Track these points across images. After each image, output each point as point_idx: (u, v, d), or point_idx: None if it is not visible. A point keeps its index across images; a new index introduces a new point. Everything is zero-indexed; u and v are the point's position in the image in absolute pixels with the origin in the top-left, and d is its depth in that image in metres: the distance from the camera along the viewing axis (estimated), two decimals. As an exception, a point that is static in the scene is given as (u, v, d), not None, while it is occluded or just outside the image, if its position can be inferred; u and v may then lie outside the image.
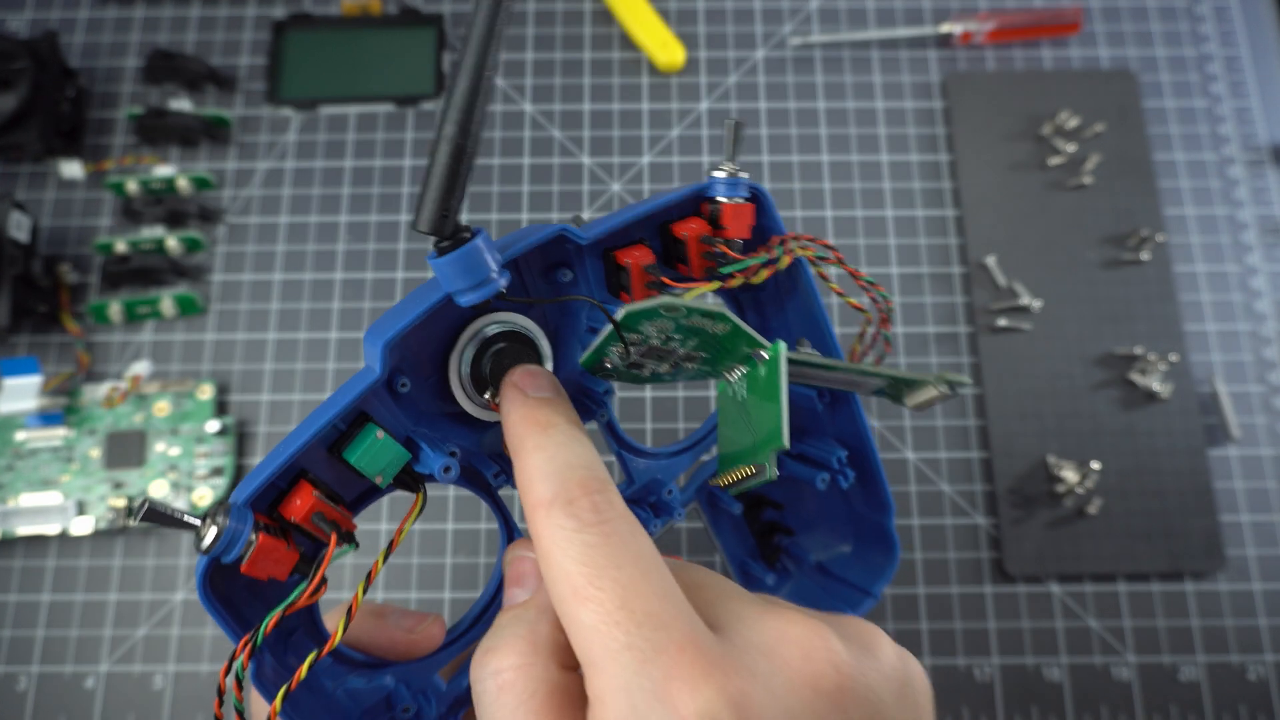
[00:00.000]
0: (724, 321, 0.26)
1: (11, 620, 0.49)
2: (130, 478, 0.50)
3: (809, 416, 0.36)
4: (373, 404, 0.26)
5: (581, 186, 0.57)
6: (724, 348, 0.28)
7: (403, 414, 0.28)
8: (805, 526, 0.39)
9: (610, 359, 0.28)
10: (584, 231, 0.28)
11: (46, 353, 0.54)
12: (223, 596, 0.25)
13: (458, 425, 0.29)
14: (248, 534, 0.23)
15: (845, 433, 0.35)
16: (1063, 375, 0.53)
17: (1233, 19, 0.61)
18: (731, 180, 0.29)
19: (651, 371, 0.29)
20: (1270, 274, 0.55)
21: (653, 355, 0.28)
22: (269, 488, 0.25)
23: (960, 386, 0.30)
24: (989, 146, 0.57)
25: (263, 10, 0.60)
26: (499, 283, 0.25)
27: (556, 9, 0.61)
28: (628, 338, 0.27)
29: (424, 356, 0.28)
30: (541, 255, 0.29)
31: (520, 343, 0.28)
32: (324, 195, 0.56)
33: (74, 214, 0.56)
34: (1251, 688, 0.48)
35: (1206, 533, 0.50)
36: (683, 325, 0.27)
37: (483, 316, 0.28)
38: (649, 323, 0.26)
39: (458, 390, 0.28)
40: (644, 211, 0.29)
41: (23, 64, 0.53)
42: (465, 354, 0.28)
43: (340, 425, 0.26)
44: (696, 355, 0.28)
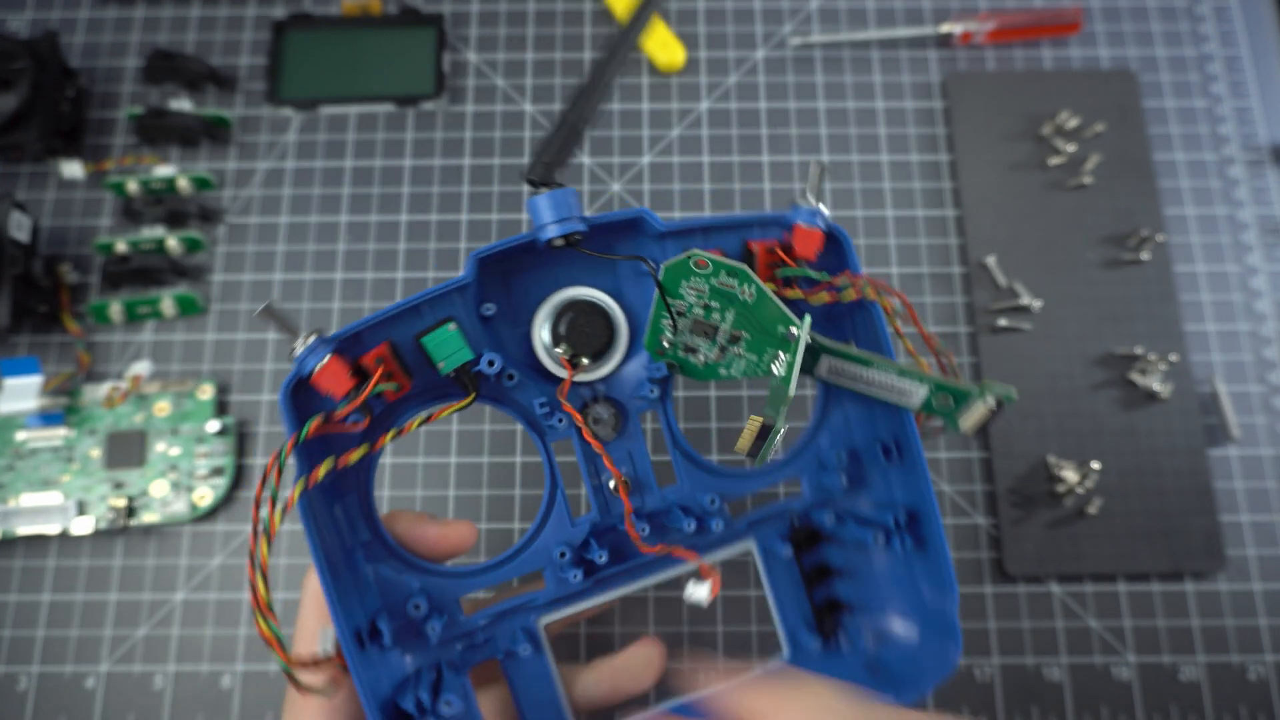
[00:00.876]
0: (748, 282, 0.29)
1: (11, 620, 0.49)
2: (130, 478, 0.50)
3: (873, 468, 0.36)
4: (459, 313, 0.32)
5: (582, 186, 0.57)
6: (761, 324, 0.31)
7: (485, 334, 0.33)
8: (865, 603, 0.38)
9: (667, 337, 0.32)
10: (663, 223, 0.32)
11: (47, 353, 0.54)
12: (297, 409, 0.30)
13: (532, 376, 0.34)
14: (325, 355, 0.29)
15: (909, 492, 0.35)
16: (1063, 375, 0.53)
17: (1233, 19, 0.61)
18: (810, 211, 0.33)
19: (705, 360, 0.33)
20: (1270, 274, 0.55)
21: (700, 332, 0.32)
22: (352, 338, 0.30)
23: (1007, 399, 0.30)
24: (989, 146, 0.57)
25: (263, 10, 0.60)
26: (579, 225, 0.30)
27: (556, 9, 0.61)
28: (673, 305, 0.31)
29: (518, 303, 0.34)
30: (619, 231, 0.33)
31: (597, 313, 0.33)
32: (324, 195, 0.57)
33: (74, 214, 0.56)
34: (1252, 688, 0.48)
35: (1206, 533, 0.50)
36: (715, 287, 0.30)
37: (570, 288, 0.34)
38: (686, 283, 0.30)
39: (536, 341, 0.34)
40: (726, 221, 0.33)
41: (23, 64, 0.53)
42: (548, 315, 0.34)
43: (424, 311, 0.31)
44: (739, 335, 0.31)
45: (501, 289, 0.33)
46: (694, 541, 0.36)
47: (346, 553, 0.32)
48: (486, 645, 0.35)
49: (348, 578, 0.32)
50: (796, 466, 0.37)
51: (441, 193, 0.57)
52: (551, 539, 0.34)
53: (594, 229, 0.32)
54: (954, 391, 0.31)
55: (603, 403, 0.35)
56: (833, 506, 0.37)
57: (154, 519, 0.50)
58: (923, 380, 0.31)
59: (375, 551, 0.33)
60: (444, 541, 0.34)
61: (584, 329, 0.33)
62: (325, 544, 0.31)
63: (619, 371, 0.35)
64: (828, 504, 0.37)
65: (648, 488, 0.35)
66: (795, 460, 0.37)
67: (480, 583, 0.34)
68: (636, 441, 0.35)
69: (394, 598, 0.33)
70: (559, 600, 0.35)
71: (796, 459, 0.37)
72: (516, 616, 0.35)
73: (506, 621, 0.35)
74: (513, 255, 0.33)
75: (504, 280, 0.34)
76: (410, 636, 0.33)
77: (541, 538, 0.35)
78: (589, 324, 0.33)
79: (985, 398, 0.30)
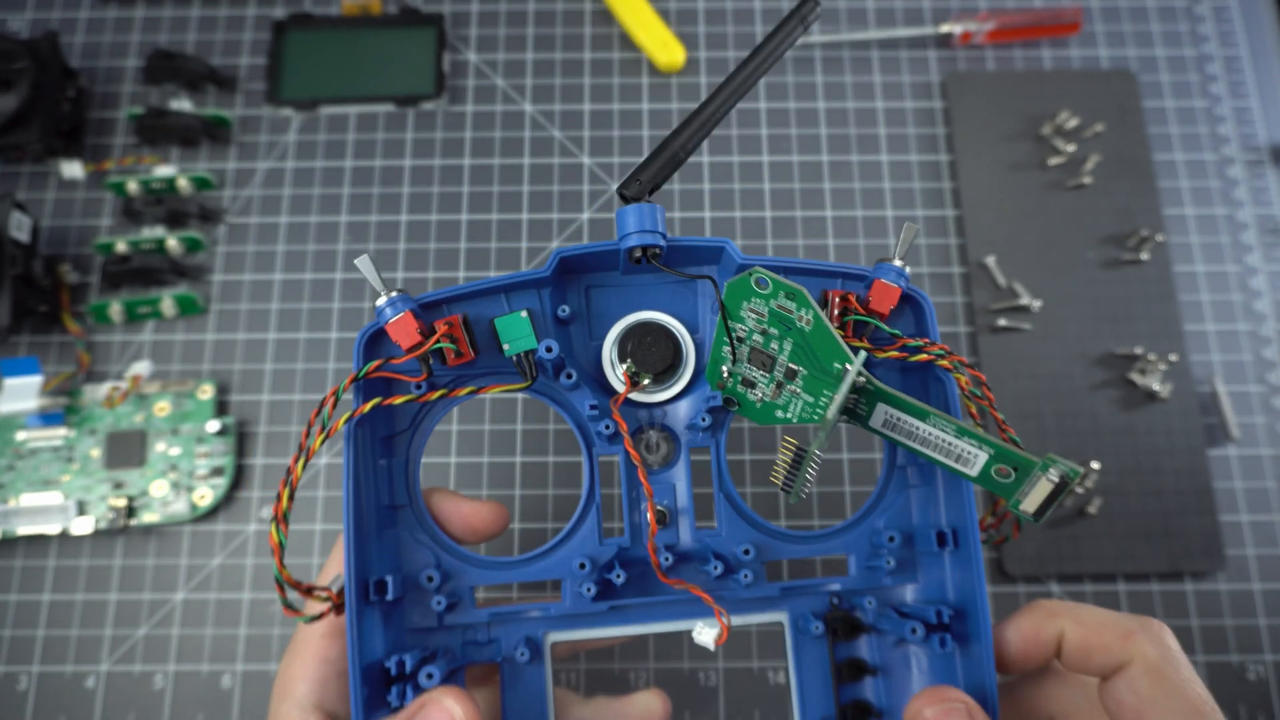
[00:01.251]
0: (806, 307, 0.29)
1: (12, 620, 0.49)
2: (130, 478, 0.50)
3: (925, 557, 0.35)
4: (537, 308, 0.34)
5: (581, 186, 0.57)
6: (817, 359, 0.30)
7: (558, 334, 0.34)
8: (898, 711, 0.35)
9: (726, 368, 0.32)
10: (743, 256, 0.33)
11: (47, 353, 0.54)
12: (368, 355, 0.32)
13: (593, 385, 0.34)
14: (402, 310, 0.31)
15: (959, 587, 0.33)
16: (1063, 375, 0.53)
17: (1232, 19, 0.61)
18: (896, 270, 0.33)
19: (762, 398, 0.32)
20: (1269, 274, 0.55)
21: (757, 361, 0.32)
22: (432, 305, 0.32)
23: (1072, 475, 0.28)
24: (989, 146, 0.57)
25: (263, 10, 0.60)
26: (658, 239, 0.31)
27: (556, 9, 0.61)
28: (733, 329, 0.31)
29: (596, 316, 0.35)
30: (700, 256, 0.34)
31: (666, 336, 0.34)
32: (324, 195, 0.57)
33: (74, 214, 0.56)
34: (1251, 687, 0.48)
35: (1206, 532, 0.50)
36: (774, 311, 0.30)
37: (648, 311, 0.35)
38: (746, 304, 0.30)
39: (605, 354, 0.35)
40: (808, 265, 0.33)
41: (23, 64, 0.53)
42: (621, 332, 0.35)
43: (505, 297, 0.33)
44: (796, 371, 0.31)
45: (582, 299, 0.35)
46: (718, 588, 0.35)
47: (379, 509, 0.33)
48: (489, 646, 0.35)
49: (373, 531, 0.33)
50: (846, 542, 0.35)
51: (441, 193, 0.57)
52: (577, 551, 0.34)
53: (674, 250, 0.33)
54: (1015, 460, 0.29)
55: (658, 431, 0.35)
56: (877, 594, 0.35)
57: (154, 519, 0.50)
58: (982, 444, 0.29)
59: (407, 518, 0.34)
60: (476, 517, 0.35)
61: (650, 348, 0.34)
62: (359, 485, 0.32)
63: (678, 401, 0.35)
64: (872, 590, 0.35)
65: (685, 525, 0.35)
66: (846, 534, 0.35)
67: (498, 576, 0.34)
68: (683, 476, 0.35)
69: (411, 569, 0.34)
70: (571, 618, 0.35)
71: (847, 533, 0.35)
72: (525, 624, 0.35)
73: (514, 626, 0.35)
74: (597, 265, 0.34)
75: (586, 291, 0.35)
76: (417, 610, 0.34)
77: (567, 547, 0.34)
78: (656, 344, 0.34)
79: (1048, 471, 0.28)
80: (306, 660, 0.32)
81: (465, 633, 0.34)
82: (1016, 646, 0.31)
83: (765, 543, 0.35)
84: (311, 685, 0.31)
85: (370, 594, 0.32)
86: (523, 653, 0.34)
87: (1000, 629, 0.32)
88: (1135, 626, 0.29)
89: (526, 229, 0.56)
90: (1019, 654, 0.31)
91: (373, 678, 0.31)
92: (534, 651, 0.35)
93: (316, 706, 0.31)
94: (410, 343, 0.31)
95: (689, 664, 0.49)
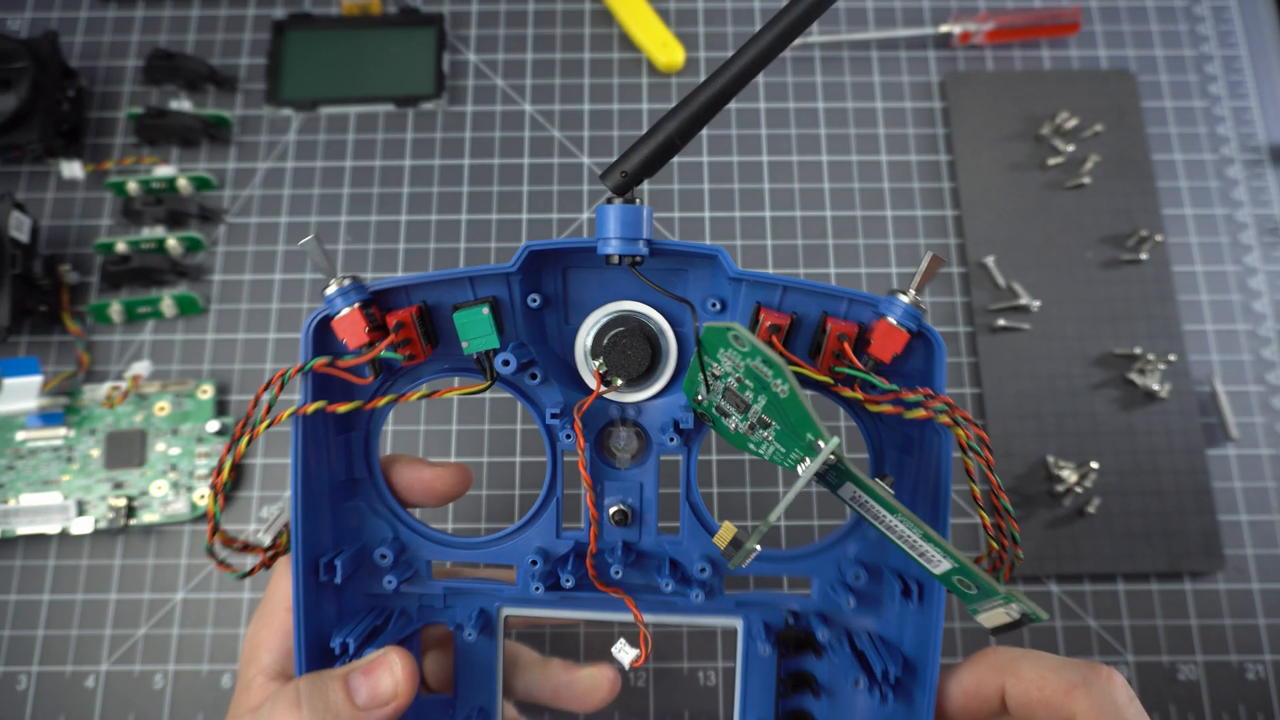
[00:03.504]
0: (782, 380, 0.27)
1: (11, 620, 0.49)
2: (130, 477, 0.50)
3: (889, 597, 0.33)
4: (505, 297, 0.31)
5: (581, 186, 0.57)
6: (790, 423, 0.28)
7: (525, 327, 0.32)
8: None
9: (702, 391, 0.30)
10: (738, 267, 0.30)
11: (47, 353, 0.54)
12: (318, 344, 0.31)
13: (563, 376, 0.33)
14: (352, 302, 0.29)
15: (915, 640, 0.32)
16: (1062, 375, 0.53)
17: (1231, 19, 0.61)
18: (909, 309, 0.29)
19: (736, 428, 0.30)
20: (1268, 274, 0.55)
21: (732, 401, 0.29)
22: (390, 292, 0.30)
23: (1032, 618, 0.27)
24: (988, 147, 0.57)
25: (263, 10, 0.60)
26: (641, 249, 0.29)
27: (556, 9, 0.61)
28: (710, 365, 0.29)
29: (574, 300, 0.33)
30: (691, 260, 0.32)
31: (645, 337, 0.32)
32: (324, 195, 0.57)
33: (74, 214, 0.56)
34: (1250, 687, 0.48)
35: (1205, 532, 0.50)
36: (750, 369, 0.28)
37: (626, 301, 0.33)
38: (724, 351, 0.28)
39: (579, 345, 0.33)
40: (810, 286, 0.30)
41: (23, 64, 0.53)
42: (598, 322, 0.33)
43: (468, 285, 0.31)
44: (769, 423, 0.29)
45: (559, 281, 0.33)
46: (670, 601, 0.34)
47: (334, 484, 0.33)
48: (444, 611, 0.35)
49: (327, 508, 0.32)
50: (812, 565, 0.34)
51: (441, 193, 0.57)
52: (534, 541, 0.34)
53: (662, 251, 0.31)
54: (978, 582, 0.28)
55: (628, 426, 0.34)
56: (835, 620, 0.34)
57: (154, 519, 0.50)
58: (947, 555, 0.28)
59: (365, 490, 0.34)
60: (438, 481, 0.35)
61: (626, 350, 0.32)
62: (309, 468, 0.31)
63: (654, 401, 0.33)
64: (830, 615, 0.34)
65: (646, 526, 0.34)
66: (813, 558, 0.34)
67: (453, 554, 0.34)
68: (650, 475, 0.34)
69: (370, 541, 0.34)
70: (522, 599, 0.35)
71: (815, 557, 0.34)
72: (481, 597, 0.35)
73: (469, 597, 0.35)
74: (572, 262, 0.32)
75: (564, 273, 0.33)
76: (370, 577, 0.34)
77: (525, 535, 0.34)
78: (633, 346, 0.32)
79: (1009, 605, 0.27)
80: (271, 631, 0.33)
81: (421, 598, 0.35)
82: (958, 702, 0.30)
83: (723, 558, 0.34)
84: (275, 655, 0.32)
85: (320, 573, 0.32)
86: (478, 624, 0.35)
87: (943, 681, 0.31)
88: (1079, 679, 0.28)
89: (526, 229, 0.56)
90: (960, 710, 0.31)
91: (321, 649, 0.32)
92: (486, 622, 0.35)
93: (280, 673, 0.32)
94: (357, 342, 0.29)
95: (688, 664, 0.49)
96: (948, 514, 0.31)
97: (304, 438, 0.31)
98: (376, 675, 0.30)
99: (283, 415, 0.30)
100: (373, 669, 0.31)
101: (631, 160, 0.28)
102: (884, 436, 0.33)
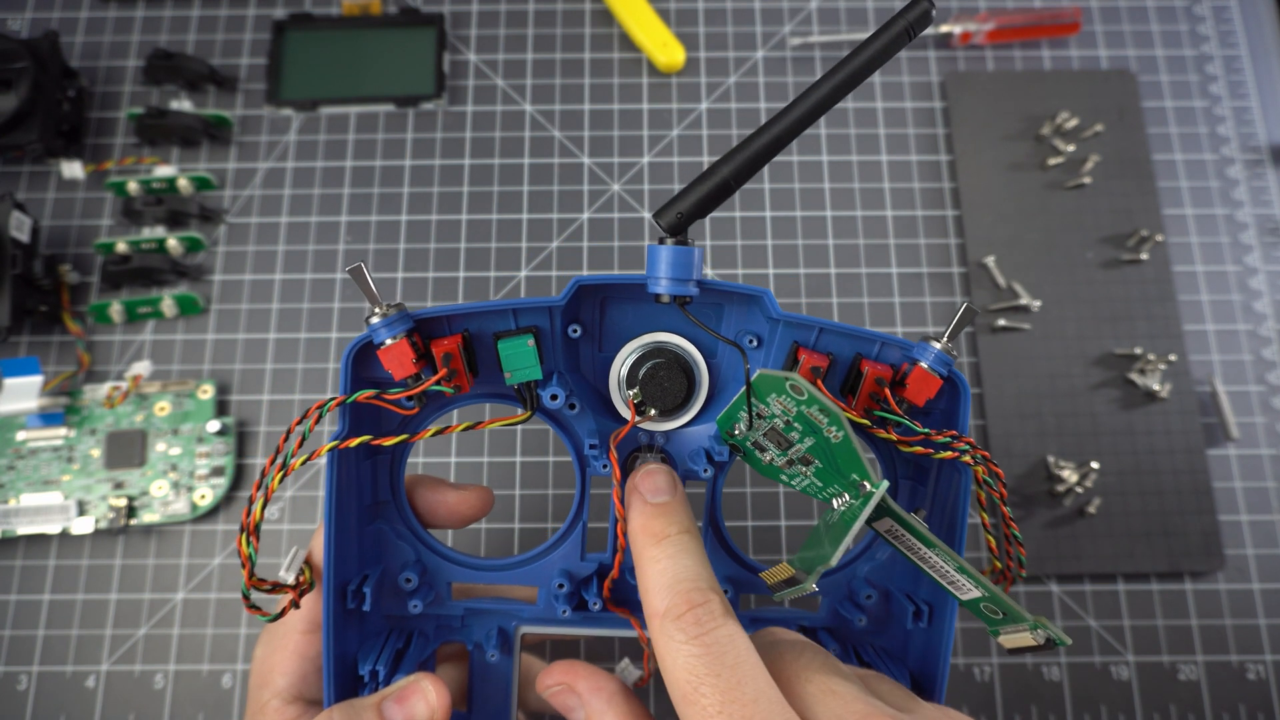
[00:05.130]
0: (838, 427, 0.28)
1: (12, 620, 0.49)
2: (131, 477, 0.50)
3: (899, 618, 0.34)
4: (545, 326, 0.31)
5: (581, 186, 0.57)
6: (836, 464, 0.29)
7: (563, 355, 0.32)
8: None
9: (740, 426, 0.30)
10: (780, 310, 0.31)
11: (47, 353, 0.54)
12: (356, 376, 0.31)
13: (595, 404, 0.33)
14: (398, 334, 0.29)
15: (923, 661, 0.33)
16: (1062, 375, 0.53)
17: (1232, 19, 0.61)
18: (942, 356, 0.30)
19: (770, 461, 0.31)
20: (1269, 274, 0.55)
21: (773, 440, 0.30)
22: (433, 320, 0.30)
23: (1058, 643, 0.28)
24: (988, 147, 0.57)
25: (263, 10, 0.60)
26: (692, 290, 0.29)
27: (556, 9, 0.61)
28: (756, 407, 0.29)
29: (609, 330, 0.33)
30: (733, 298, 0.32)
31: (680, 370, 0.32)
32: (324, 195, 0.57)
33: (74, 214, 0.56)
34: (1250, 687, 0.48)
35: (1205, 532, 0.50)
36: (804, 415, 0.28)
37: (665, 333, 0.33)
38: (776, 396, 0.29)
39: (614, 374, 0.33)
40: (848, 330, 0.31)
41: (23, 64, 0.53)
42: (634, 352, 0.33)
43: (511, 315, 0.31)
44: (811, 460, 0.30)
45: (596, 311, 0.33)
46: None
47: (362, 507, 0.33)
48: (461, 630, 0.35)
49: (353, 533, 0.33)
50: (824, 584, 0.35)
51: (441, 193, 0.57)
52: (558, 563, 0.34)
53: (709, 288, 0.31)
54: (1008, 609, 0.28)
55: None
56: (843, 639, 0.35)
57: (154, 519, 0.50)
58: (979, 585, 0.28)
59: (389, 512, 0.34)
60: (462, 504, 0.35)
61: (662, 382, 0.32)
62: (342, 497, 0.31)
63: (683, 430, 0.34)
64: (838, 631, 0.35)
65: None
66: (826, 578, 0.35)
67: (476, 576, 0.35)
68: None
69: (392, 564, 0.34)
70: (544, 619, 0.35)
71: (827, 576, 0.35)
72: (499, 616, 0.36)
73: (488, 616, 0.35)
74: (615, 295, 0.33)
75: (601, 304, 0.33)
76: (392, 599, 0.34)
77: (549, 558, 0.35)
78: (669, 379, 0.32)
79: (1035, 631, 0.28)
80: (286, 655, 0.33)
81: (439, 618, 0.35)
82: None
83: (744, 578, 0.35)
84: (291, 679, 0.32)
85: (348, 600, 0.32)
86: (495, 642, 0.35)
87: None
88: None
89: (526, 229, 0.56)
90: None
91: (347, 675, 0.32)
92: (504, 641, 0.35)
93: (297, 697, 0.32)
94: (404, 373, 0.29)
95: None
96: (963, 544, 0.32)
97: (338, 474, 0.31)
98: (410, 702, 0.30)
99: (322, 450, 0.29)
100: (406, 696, 0.30)
101: (686, 201, 0.28)
102: (899, 467, 0.34)
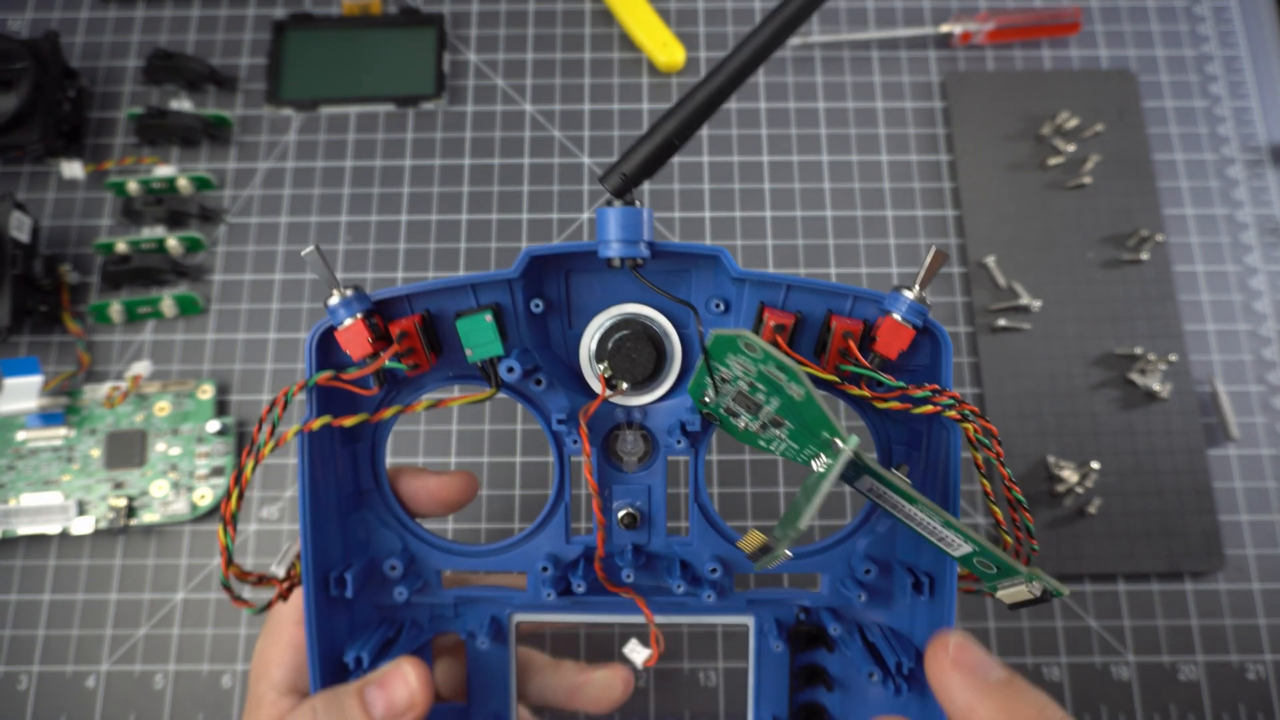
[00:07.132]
0: (798, 384, 0.27)
1: (12, 620, 0.49)
2: (131, 477, 0.50)
3: (900, 591, 0.34)
4: (508, 303, 0.31)
5: (581, 186, 0.57)
6: (805, 423, 0.28)
7: (529, 332, 0.32)
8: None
9: (709, 394, 0.30)
10: (739, 268, 0.30)
11: (47, 353, 0.54)
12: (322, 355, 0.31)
13: (568, 381, 0.33)
14: (355, 312, 0.29)
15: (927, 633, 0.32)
16: (1062, 375, 0.53)
17: (1232, 19, 0.61)
18: (913, 305, 0.29)
19: (746, 427, 0.30)
20: (1269, 274, 0.55)
21: (743, 404, 0.29)
22: (393, 301, 0.30)
23: (1054, 594, 0.28)
24: (989, 147, 0.57)
25: (263, 10, 0.60)
26: (643, 251, 0.29)
27: (556, 9, 0.61)
28: (719, 370, 0.29)
29: (577, 304, 0.32)
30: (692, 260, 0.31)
31: (649, 341, 0.32)
32: (324, 195, 0.57)
33: (74, 214, 0.56)
34: (1251, 687, 0.48)
35: (1206, 532, 0.50)
36: (764, 374, 0.28)
37: (629, 304, 0.32)
38: (734, 357, 0.28)
39: (583, 349, 0.33)
40: (815, 284, 0.30)
41: (24, 64, 0.53)
42: (602, 325, 0.32)
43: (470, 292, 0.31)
44: (782, 422, 0.29)
45: (562, 285, 0.32)
46: (682, 602, 0.34)
47: (344, 496, 0.33)
48: (455, 620, 0.35)
49: (337, 519, 0.32)
50: (822, 561, 0.34)
51: (441, 193, 0.57)
52: (544, 546, 0.34)
53: (663, 252, 0.30)
54: (1000, 563, 0.28)
55: (635, 430, 0.33)
56: (845, 615, 0.35)
57: (154, 519, 0.50)
58: (968, 540, 0.28)
59: (372, 501, 0.34)
60: (444, 489, 0.35)
61: (630, 354, 0.32)
62: (316, 483, 0.31)
63: (660, 404, 0.33)
64: (841, 610, 0.35)
65: (656, 528, 0.34)
66: (824, 554, 0.34)
67: (462, 563, 0.34)
68: (659, 478, 0.34)
69: (378, 552, 0.34)
70: (534, 606, 0.35)
71: (825, 553, 0.34)
72: (492, 604, 0.35)
73: (480, 605, 0.35)
74: (573, 266, 0.32)
75: (566, 276, 0.32)
76: (380, 588, 0.34)
77: (535, 541, 0.34)
78: (637, 350, 0.32)
79: (1031, 583, 0.28)
80: (282, 647, 0.33)
81: (432, 607, 0.35)
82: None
83: (735, 556, 0.34)
84: (286, 671, 0.33)
85: (331, 588, 0.32)
86: (488, 631, 0.35)
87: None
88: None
89: (526, 229, 0.56)
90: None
91: (334, 665, 0.32)
92: (498, 630, 0.35)
93: (292, 689, 0.32)
94: (361, 353, 0.29)
95: (689, 664, 0.49)
96: (957, 506, 0.31)
97: (310, 452, 0.31)
98: (391, 686, 0.30)
99: (288, 434, 0.30)
100: (387, 680, 0.31)
101: (630, 162, 0.28)
102: (891, 433, 0.33)
